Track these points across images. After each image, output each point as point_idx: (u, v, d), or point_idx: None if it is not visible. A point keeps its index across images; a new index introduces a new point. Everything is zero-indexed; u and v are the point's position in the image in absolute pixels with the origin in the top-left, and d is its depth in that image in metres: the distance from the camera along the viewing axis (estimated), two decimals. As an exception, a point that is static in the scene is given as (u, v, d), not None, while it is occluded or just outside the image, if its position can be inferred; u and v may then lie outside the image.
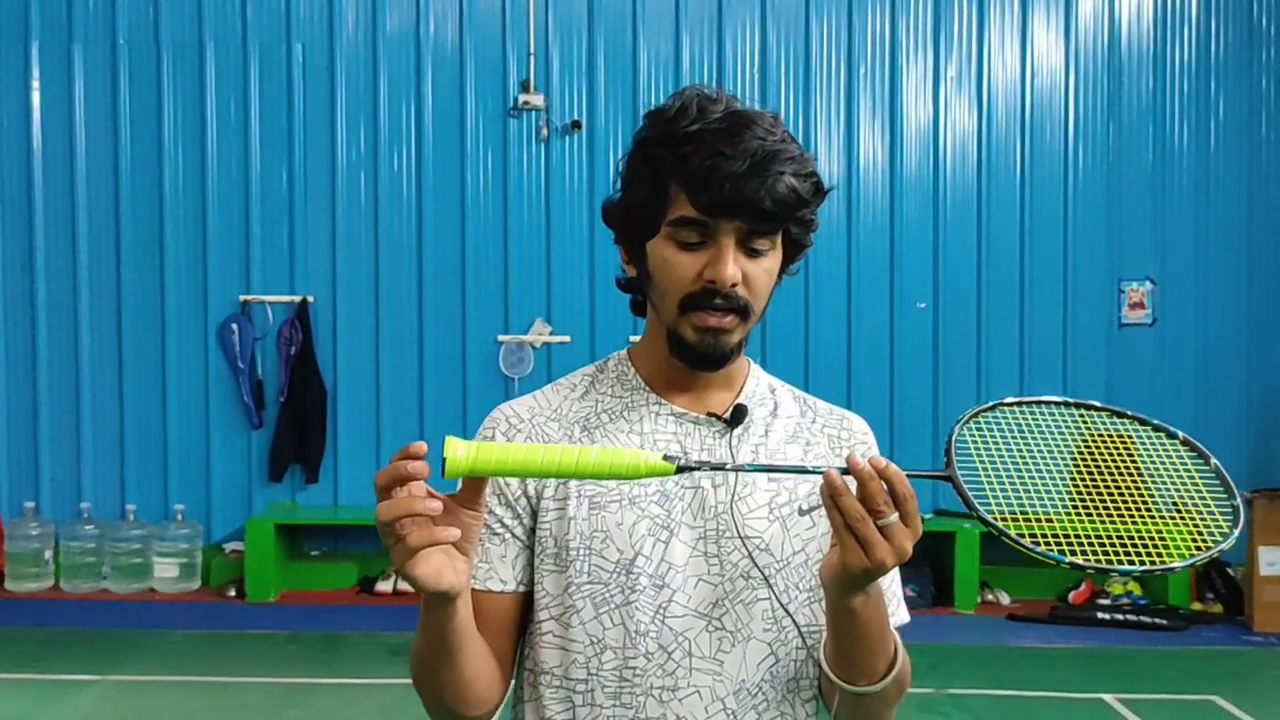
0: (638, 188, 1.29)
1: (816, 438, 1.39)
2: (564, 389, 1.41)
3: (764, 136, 1.23)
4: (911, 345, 7.05)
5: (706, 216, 1.23)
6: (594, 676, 1.28)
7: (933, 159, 7.10)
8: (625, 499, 1.29)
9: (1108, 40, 7.14)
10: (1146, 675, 5.47)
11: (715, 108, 1.25)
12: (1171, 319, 7.10)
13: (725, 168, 1.20)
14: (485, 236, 7.04)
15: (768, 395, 1.40)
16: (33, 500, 6.90)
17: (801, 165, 1.25)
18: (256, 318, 7.00)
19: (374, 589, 6.70)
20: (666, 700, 1.27)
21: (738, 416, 1.34)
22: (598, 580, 1.28)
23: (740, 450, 1.33)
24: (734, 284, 1.24)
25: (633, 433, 1.33)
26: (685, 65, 7.06)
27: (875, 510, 1.07)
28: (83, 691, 5.01)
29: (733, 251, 1.24)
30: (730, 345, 1.28)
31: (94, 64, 7.01)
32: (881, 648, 1.22)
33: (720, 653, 1.28)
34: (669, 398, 1.35)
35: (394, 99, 7.04)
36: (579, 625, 1.28)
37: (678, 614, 1.27)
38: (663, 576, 1.27)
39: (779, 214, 1.23)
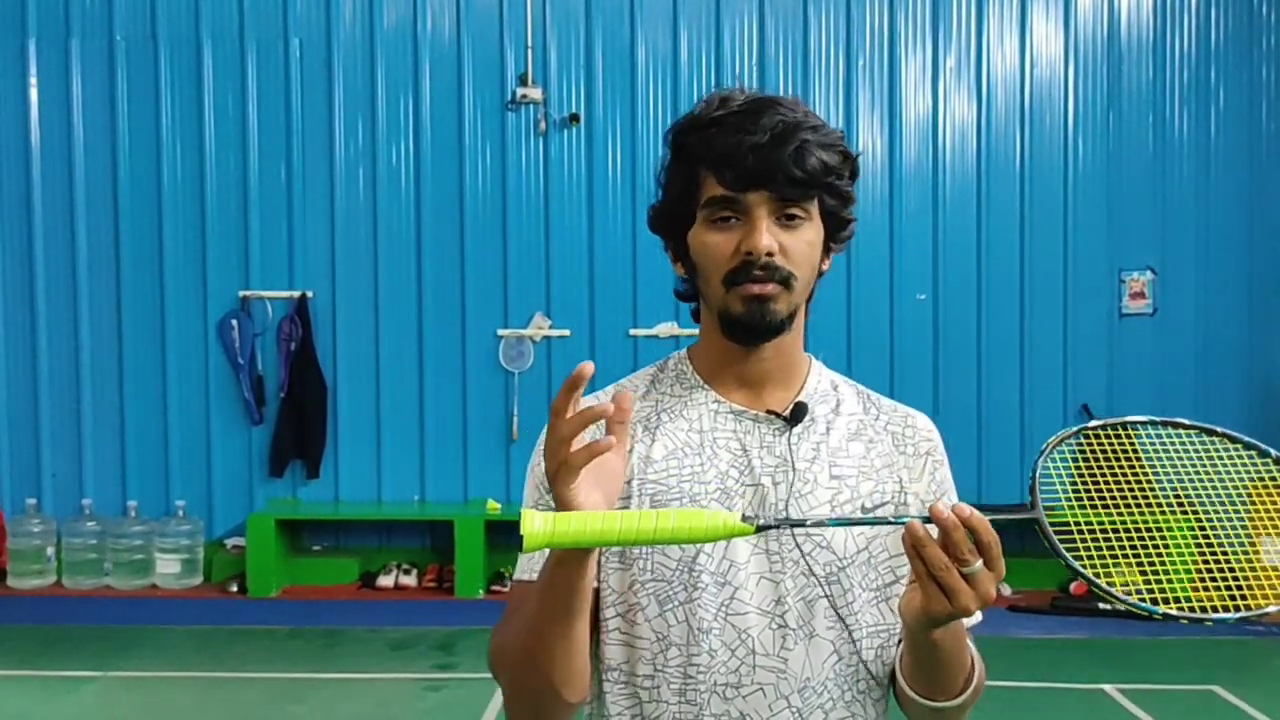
0: (672, 182, 1.32)
1: (879, 435, 1.38)
2: (626, 388, 1.40)
3: (785, 114, 1.25)
4: (911, 337, 7.05)
5: (734, 191, 1.24)
6: (660, 673, 1.28)
7: (932, 150, 7.09)
8: (687, 498, 1.29)
9: (1107, 29, 7.13)
10: (1147, 666, 5.47)
11: (737, 97, 1.28)
12: (1172, 308, 7.09)
13: (748, 141, 1.23)
14: (484, 230, 7.04)
15: (830, 392, 1.39)
16: (34, 497, 6.91)
17: (824, 135, 1.26)
18: (256, 313, 7.00)
19: (375, 584, 6.70)
20: (730, 697, 1.27)
21: (797, 414, 1.33)
22: (661, 578, 1.28)
23: (800, 447, 1.32)
24: (770, 252, 1.24)
25: (692, 430, 1.33)
26: (683, 58, 7.05)
27: (959, 559, 1.06)
28: (85, 687, 5.02)
29: (766, 222, 1.25)
30: (779, 315, 1.27)
31: (91, 60, 7.01)
32: (960, 666, 1.22)
33: (784, 650, 1.28)
34: (727, 394, 1.35)
35: (392, 93, 7.03)
36: (644, 622, 1.29)
37: (740, 611, 1.27)
38: (724, 574, 1.28)
39: (806, 181, 1.24)
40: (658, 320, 6.99)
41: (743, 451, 1.31)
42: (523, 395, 6.94)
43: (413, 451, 7.05)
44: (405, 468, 7.05)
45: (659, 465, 1.31)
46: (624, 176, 7.02)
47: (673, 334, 6.96)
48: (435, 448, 7.04)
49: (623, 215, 7.00)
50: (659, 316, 6.99)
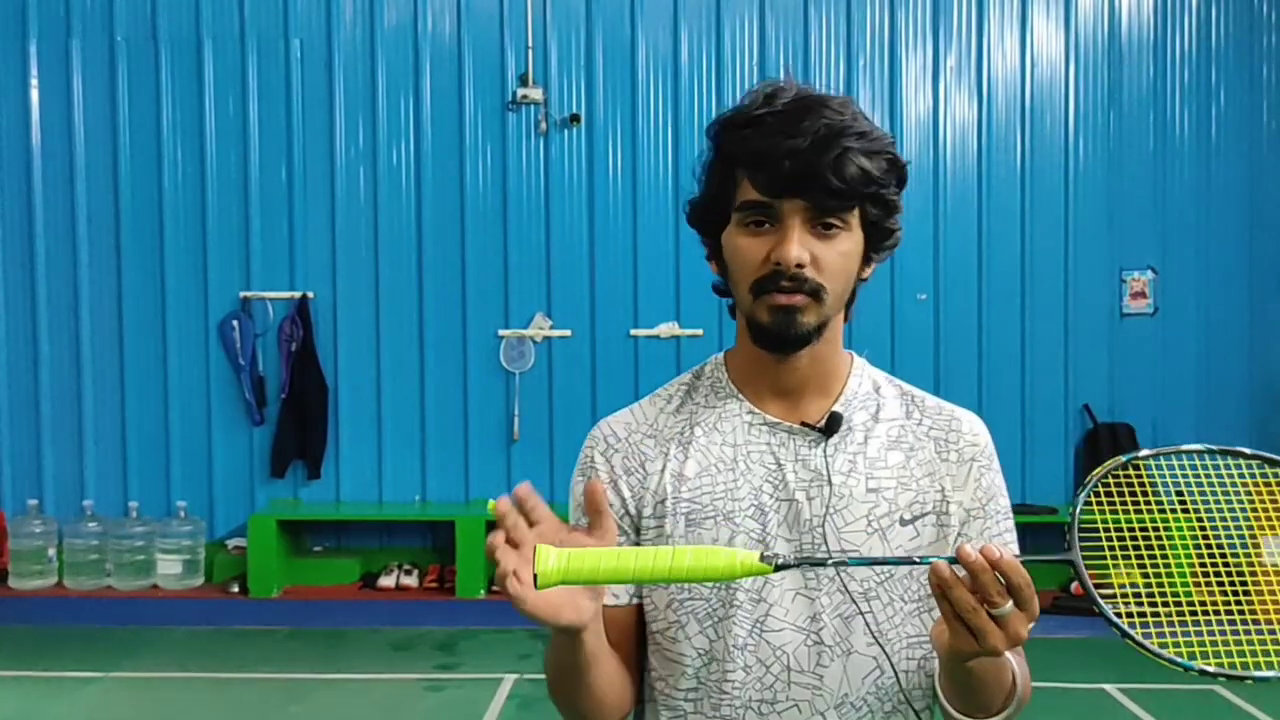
0: (709, 180, 1.28)
1: (921, 442, 1.33)
2: (660, 401, 1.38)
3: (831, 116, 1.20)
4: (912, 337, 7.04)
5: (769, 197, 1.20)
6: (702, 686, 1.28)
7: (933, 150, 7.09)
8: (721, 515, 1.28)
9: (1107, 29, 7.12)
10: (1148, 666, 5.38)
11: (784, 93, 1.23)
12: (1173, 308, 7.09)
13: (787, 145, 1.18)
14: (485, 231, 7.04)
15: (870, 396, 1.35)
16: (36, 498, 6.92)
17: (871, 142, 1.21)
18: (257, 314, 7.00)
19: (376, 584, 6.70)
20: (765, 713, 1.26)
21: (832, 425, 1.29)
22: (699, 595, 1.28)
23: (836, 460, 1.29)
24: (799, 264, 1.20)
25: (725, 444, 1.31)
26: (684, 58, 7.05)
27: (989, 600, 1.01)
28: (86, 688, 5.02)
29: (798, 232, 1.20)
30: (806, 326, 1.23)
31: (92, 61, 7.01)
32: (998, 686, 1.19)
33: (819, 667, 1.26)
34: (763, 405, 1.32)
35: (392, 94, 7.03)
36: (685, 639, 1.28)
37: (775, 628, 1.26)
38: (759, 591, 1.26)
39: (845, 191, 1.19)
40: (658, 320, 6.99)
41: (777, 466, 1.29)
42: (524, 396, 6.94)
43: (414, 452, 7.05)
44: (406, 468, 7.05)
45: (693, 483, 1.29)
46: (625, 177, 7.02)
47: (674, 334, 6.96)
48: (436, 448, 7.04)
49: (623, 215, 7.00)
50: (660, 317, 6.99)
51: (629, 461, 1.33)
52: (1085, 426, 7.06)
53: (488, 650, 5.46)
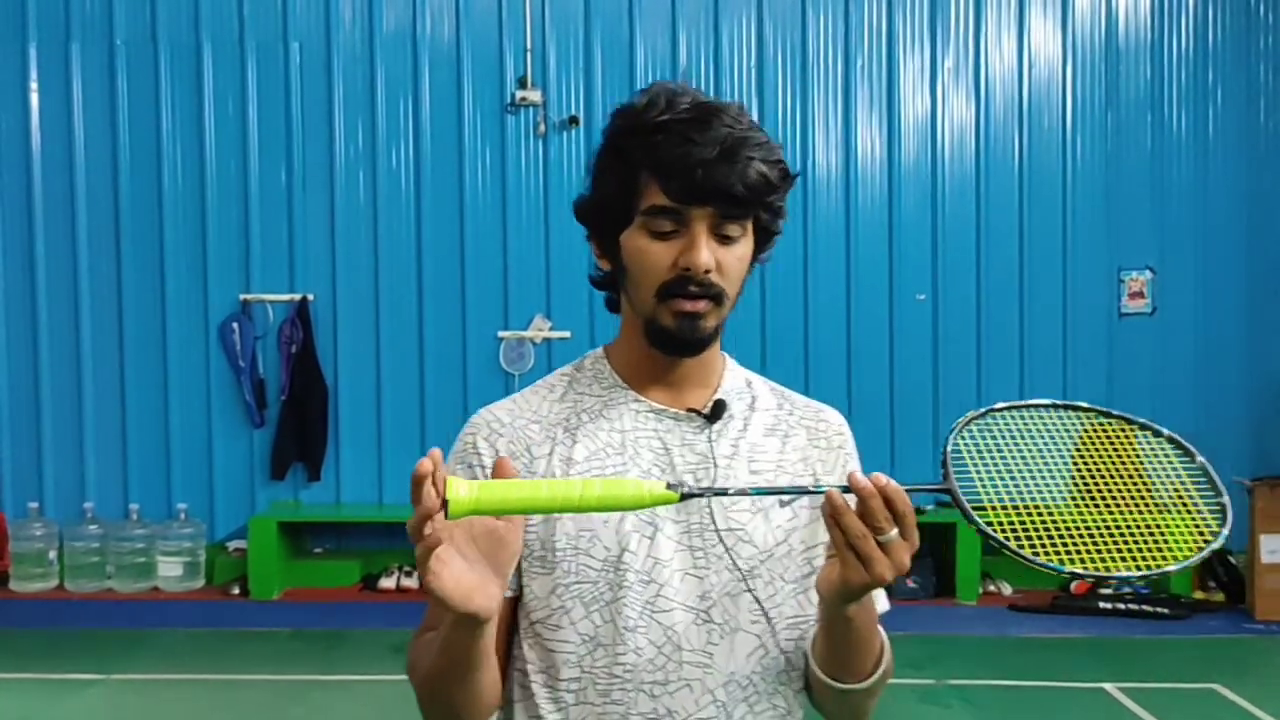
0: (609, 180, 1.30)
1: (795, 430, 1.39)
2: (543, 390, 1.41)
3: (731, 125, 1.23)
4: (911, 337, 7.06)
5: (679, 204, 1.23)
6: (586, 674, 1.28)
7: (931, 151, 7.10)
8: None
9: (1105, 29, 7.14)
10: (1148, 664, 5.48)
11: (682, 99, 1.26)
12: (1171, 308, 7.10)
13: (696, 154, 1.21)
14: (484, 233, 7.05)
15: (745, 389, 1.41)
16: (37, 501, 6.92)
17: (769, 152, 1.26)
18: (257, 316, 7.01)
19: (377, 586, 6.71)
20: (658, 695, 1.27)
21: (717, 411, 1.34)
22: (585, 579, 1.28)
23: (720, 444, 1.33)
24: (708, 270, 1.24)
25: (613, 430, 1.33)
26: (682, 60, 7.06)
27: (875, 527, 1.09)
28: (87, 690, 5.03)
29: (705, 238, 1.24)
30: (707, 330, 1.28)
31: (92, 64, 7.02)
32: (870, 649, 1.25)
33: (710, 645, 1.28)
34: (647, 394, 1.35)
35: (391, 96, 7.05)
36: (569, 625, 1.29)
37: (666, 608, 1.28)
38: (649, 572, 1.28)
39: (750, 199, 1.24)
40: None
41: (664, 450, 1.32)
42: (523, 397, 6.94)
43: (414, 453, 6.97)
44: (406, 470, 6.87)
45: (581, 466, 1.31)
46: (623, 178, 7.01)
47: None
48: (436, 450, 7.03)
49: (622, 217, 7.00)
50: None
51: (514, 446, 1.34)
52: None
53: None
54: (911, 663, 5.42)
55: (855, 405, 6.70)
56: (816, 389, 6.89)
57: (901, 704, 4.88)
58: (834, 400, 1.50)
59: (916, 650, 5.63)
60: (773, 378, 1.47)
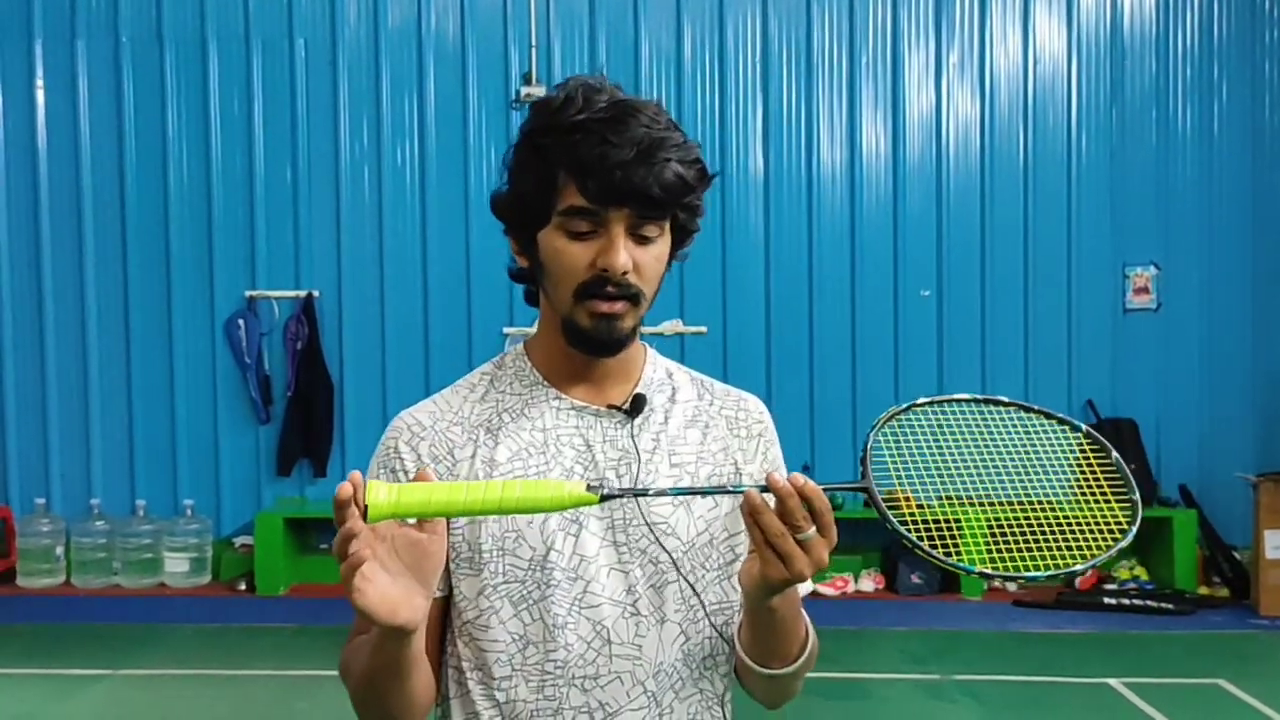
0: (526, 178, 1.29)
1: (714, 420, 1.40)
2: (463, 390, 1.40)
3: (649, 124, 1.23)
4: (916, 333, 7.06)
5: (596, 205, 1.23)
6: (518, 672, 1.30)
7: (935, 147, 7.10)
8: None
9: (1110, 25, 7.13)
10: (1152, 659, 5.48)
11: (600, 97, 1.25)
12: (1176, 304, 7.09)
13: (613, 156, 1.21)
14: (489, 229, 7.00)
15: (665, 381, 1.42)
16: (43, 497, 6.95)
17: (686, 152, 1.25)
18: (262, 313, 7.02)
19: (383, 581, 6.72)
20: (589, 689, 1.29)
21: (637, 406, 1.35)
22: (513, 579, 1.29)
23: (641, 438, 1.35)
24: (625, 272, 1.25)
25: (535, 429, 1.34)
26: (686, 56, 7.06)
27: (794, 526, 1.10)
28: (94, 686, 5.05)
29: (623, 239, 1.25)
30: (624, 331, 1.29)
31: (97, 61, 7.04)
32: (795, 635, 1.27)
33: (638, 637, 1.30)
34: (568, 390, 1.36)
35: (396, 93, 7.06)
36: (499, 624, 1.30)
37: (594, 603, 1.29)
38: (576, 569, 1.29)
39: (667, 200, 1.24)
40: (662, 318, 6.99)
41: (586, 447, 1.33)
42: (528, 393, 6.95)
43: (419, 450, 7.06)
44: (412, 466, 7.06)
45: (504, 467, 1.31)
46: (628, 175, 7.02)
47: (677, 331, 6.96)
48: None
49: (627, 213, 7.01)
50: (663, 314, 6.98)
51: (436, 449, 1.34)
52: (1088, 422, 7.07)
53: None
54: (916, 658, 5.43)
55: (860, 401, 6.70)
56: (821, 386, 6.90)
57: (907, 699, 4.89)
58: (839, 397, 1.51)
59: (921, 646, 5.64)
60: (778, 375, 1.49)
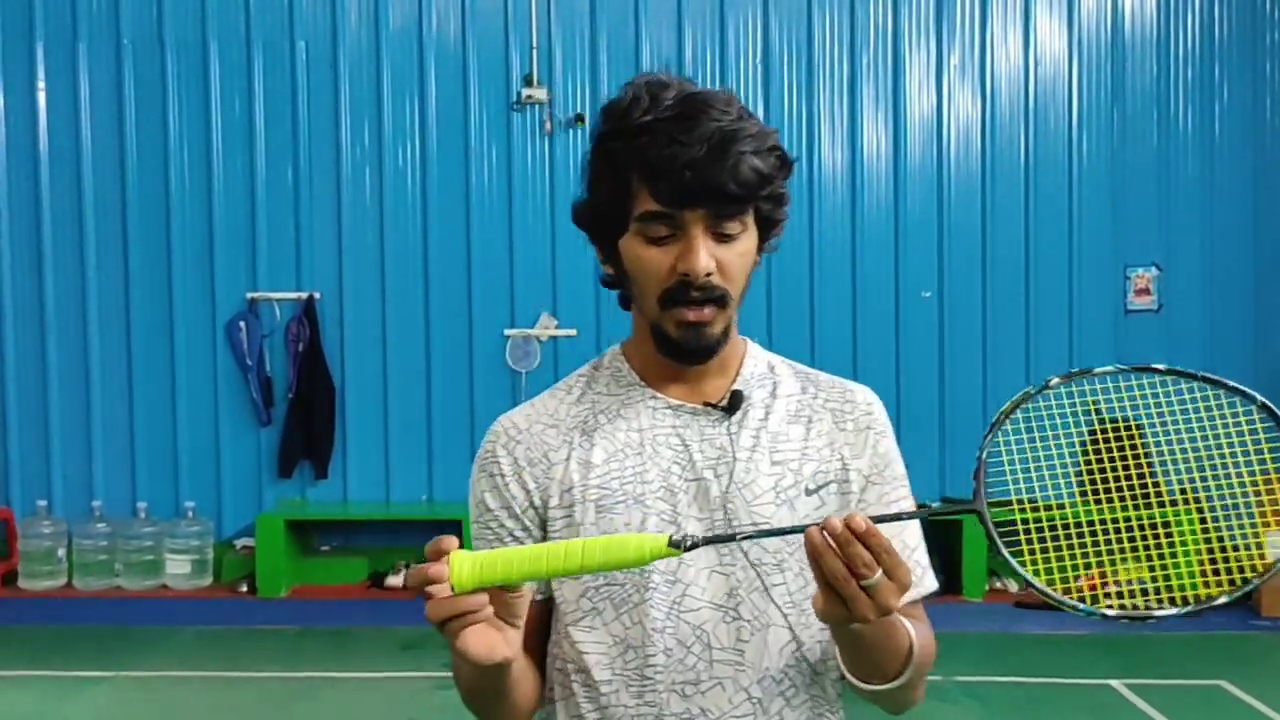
0: (600, 186, 1.28)
1: (819, 414, 1.35)
2: (560, 393, 1.40)
3: (719, 118, 1.19)
4: (917, 334, 7.05)
5: (670, 208, 1.20)
6: (618, 676, 1.28)
7: (936, 148, 7.10)
8: (630, 499, 1.28)
9: (1111, 26, 7.13)
10: (1154, 661, 5.47)
11: (667, 94, 1.21)
12: (1177, 305, 7.09)
13: (683, 155, 1.17)
14: (490, 231, 7.06)
15: (766, 375, 1.37)
16: (45, 499, 6.95)
17: (761, 141, 1.21)
18: (264, 315, 7.02)
19: (384, 583, 6.73)
20: (690, 695, 1.26)
21: (734, 403, 1.31)
22: (613, 581, 1.27)
23: (740, 436, 1.30)
24: (708, 274, 1.21)
25: (631, 430, 1.31)
26: (688, 57, 7.06)
27: (857, 572, 1.04)
28: (96, 688, 5.05)
29: (702, 240, 1.21)
30: (714, 337, 1.26)
31: (98, 63, 7.04)
32: (892, 652, 1.21)
33: (740, 642, 1.26)
34: (664, 390, 1.33)
35: (397, 95, 7.06)
36: (601, 627, 1.28)
37: (693, 608, 1.26)
38: (675, 572, 1.26)
39: (744, 195, 1.20)
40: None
41: (683, 446, 1.30)
42: (530, 395, 6.85)
43: (420, 451, 7.07)
44: (413, 467, 7.07)
45: (601, 469, 1.29)
46: (629, 176, 7.02)
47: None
48: (443, 447, 7.06)
49: (628, 215, 7.01)
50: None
51: (531, 453, 1.33)
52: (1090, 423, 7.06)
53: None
54: (918, 659, 5.41)
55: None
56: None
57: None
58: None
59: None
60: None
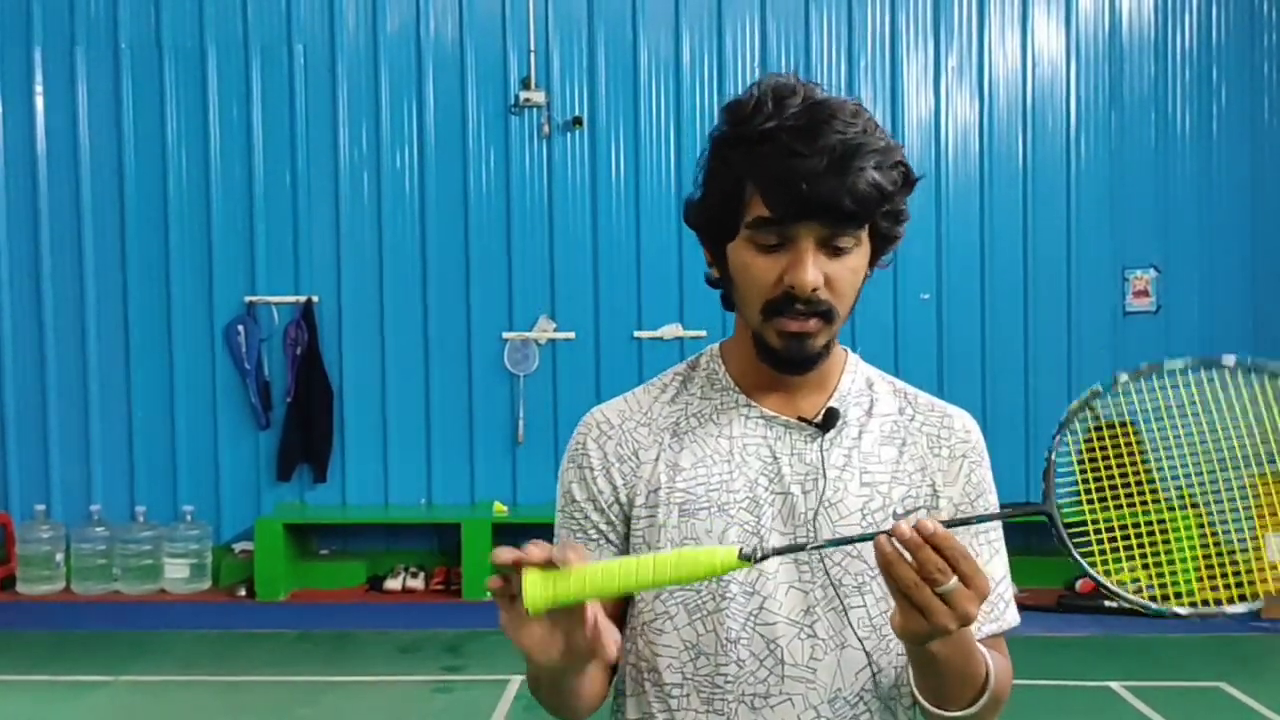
0: (714, 188, 1.24)
1: (914, 437, 1.33)
2: (655, 390, 1.37)
3: (843, 130, 1.16)
4: (915, 337, 7.06)
5: (782, 219, 1.17)
6: (689, 681, 1.27)
7: (934, 150, 7.10)
8: (715, 506, 1.26)
9: (1108, 27, 7.13)
10: (1155, 663, 5.47)
11: (792, 100, 1.19)
12: (1176, 306, 7.09)
13: (802, 167, 1.14)
14: (488, 234, 7.06)
15: (864, 392, 1.35)
16: (43, 503, 6.94)
17: (886, 157, 1.18)
18: (262, 318, 7.02)
19: (383, 587, 6.72)
20: (758, 707, 1.25)
21: (829, 420, 1.29)
22: (690, 587, 1.26)
23: (831, 454, 1.28)
24: (814, 289, 1.18)
25: (721, 436, 1.29)
26: (685, 60, 7.07)
27: (930, 578, 1.02)
28: (95, 692, 5.04)
29: (812, 254, 1.18)
30: (815, 349, 1.23)
31: (96, 68, 7.04)
32: (970, 678, 1.19)
33: (813, 660, 1.25)
34: (759, 399, 1.30)
35: (395, 98, 7.06)
36: (673, 630, 1.27)
37: (769, 621, 1.25)
38: (753, 583, 1.25)
39: (860, 212, 1.17)
40: (662, 322, 7.01)
41: (773, 459, 1.28)
42: (528, 398, 6.96)
43: (419, 455, 7.07)
44: (412, 471, 7.07)
45: (688, 473, 1.28)
46: (627, 179, 7.04)
47: (677, 336, 6.97)
48: (441, 451, 7.06)
49: (626, 218, 7.02)
50: (663, 319, 7.00)
51: (622, 449, 1.31)
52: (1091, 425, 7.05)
53: (494, 652, 5.46)
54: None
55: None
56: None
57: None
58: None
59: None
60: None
